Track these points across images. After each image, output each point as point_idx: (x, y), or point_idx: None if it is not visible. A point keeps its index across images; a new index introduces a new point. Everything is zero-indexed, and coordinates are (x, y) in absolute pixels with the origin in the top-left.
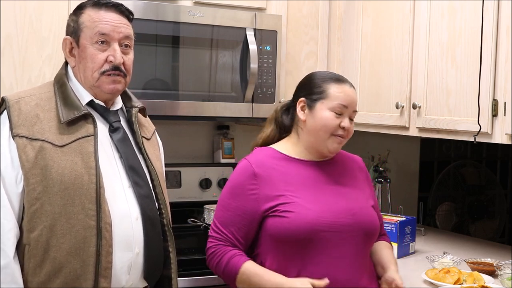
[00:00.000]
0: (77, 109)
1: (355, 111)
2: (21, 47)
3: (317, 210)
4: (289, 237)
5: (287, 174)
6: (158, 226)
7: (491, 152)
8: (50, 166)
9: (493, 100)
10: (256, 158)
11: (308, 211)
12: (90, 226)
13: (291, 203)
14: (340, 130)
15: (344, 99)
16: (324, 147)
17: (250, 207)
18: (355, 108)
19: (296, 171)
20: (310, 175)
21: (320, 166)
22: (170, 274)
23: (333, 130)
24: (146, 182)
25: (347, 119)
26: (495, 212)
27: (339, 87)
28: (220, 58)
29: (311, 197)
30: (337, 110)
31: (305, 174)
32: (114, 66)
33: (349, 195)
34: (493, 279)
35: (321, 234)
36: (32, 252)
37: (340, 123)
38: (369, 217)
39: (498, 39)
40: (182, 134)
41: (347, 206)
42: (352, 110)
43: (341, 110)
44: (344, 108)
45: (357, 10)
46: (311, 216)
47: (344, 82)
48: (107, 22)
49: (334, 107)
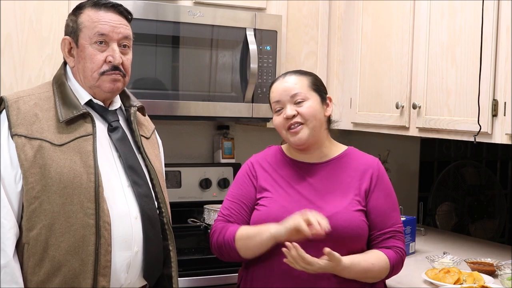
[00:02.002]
0: (75, 108)
1: (294, 94)
2: (21, 47)
3: (286, 209)
4: None
5: (278, 172)
6: (157, 225)
7: (491, 152)
8: (49, 165)
9: (493, 100)
10: (260, 156)
11: (279, 208)
12: (89, 225)
13: (268, 198)
14: (286, 122)
15: (275, 96)
16: (291, 144)
17: (249, 193)
18: (290, 93)
19: (286, 171)
20: (297, 176)
21: (310, 168)
22: (170, 272)
23: (282, 126)
24: (145, 181)
25: (288, 107)
26: (495, 212)
27: (271, 89)
28: (220, 58)
29: (287, 197)
30: (276, 108)
31: (293, 174)
32: (113, 66)
33: (329, 200)
34: (493, 279)
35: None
36: (31, 251)
37: (284, 116)
38: (345, 222)
39: (498, 39)
40: (182, 134)
41: (322, 209)
42: (288, 97)
43: (278, 105)
44: (278, 103)
45: (357, 10)
46: (278, 213)
47: (276, 80)
48: (106, 22)
49: (273, 108)
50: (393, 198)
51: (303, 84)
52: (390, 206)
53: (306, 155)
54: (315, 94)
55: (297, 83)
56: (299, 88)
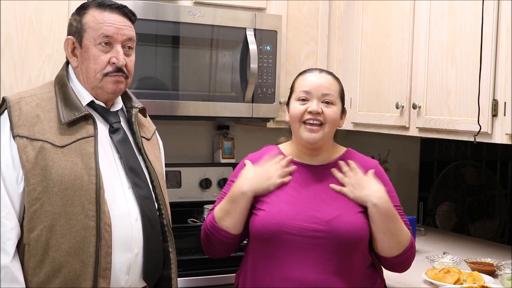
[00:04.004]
0: (77, 110)
1: (326, 94)
2: (21, 47)
3: (288, 212)
4: (256, 235)
5: None
6: (157, 227)
7: (491, 152)
8: (50, 166)
9: (493, 100)
10: (257, 156)
11: (279, 211)
12: (90, 226)
13: (267, 202)
14: (307, 115)
15: (305, 85)
16: (300, 138)
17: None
18: (323, 91)
19: None
20: (298, 178)
21: (312, 170)
22: (170, 274)
23: (300, 116)
24: (146, 183)
25: (315, 102)
26: (495, 212)
27: (302, 77)
28: (220, 58)
29: (289, 199)
30: (300, 97)
31: (293, 176)
32: (117, 67)
33: (331, 202)
34: (493, 279)
35: (287, 236)
36: (31, 252)
37: (307, 108)
38: (346, 225)
39: (498, 39)
40: (182, 134)
41: (323, 212)
42: (320, 94)
43: (305, 95)
44: (307, 94)
45: (357, 10)
46: (278, 217)
47: (309, 71)
48: (111, 24)
49: (297, 96)
50: (395, 199)
51: (336, 89)
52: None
53: (308, 157)
54: (340, 103)
55: (332, 85)
56: (333, 90)
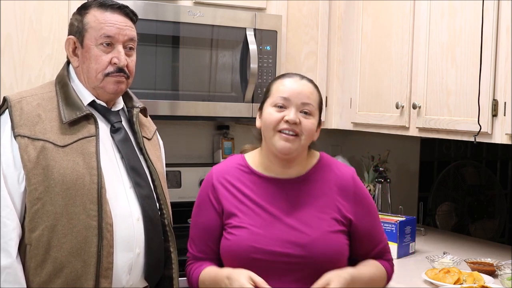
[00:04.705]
0: (79, 109)
1: (306, 103)
2: (21, 47)
3: (260, 236)
4: (228, 260)
5: (244, 191)
6: (159, 226)
7: (491, 152)
8: (52, 166)
9: (493, 100)
10: (221, 168)
11: (251, 236)
12: (91, 226)
13: (237, 225)
14: (283, 124)
15: (284, 91)
16: (273, 146)
17: (212, 221)
18: (303, 100)
19: (254, 189)
20: (269, 195)
21: (283, 185)
22: (171, 274)
23: (275, 124)
24: (147, 182)
25: (293, 111)
26: (495, 212)
27: (281, 82)
28: (220, 58)
29: (260, 221)
30: (277, 103)
31: (263, 193)
32: (118, 68)
33: (307, 223)
34: (493, 279)
35: (259, 263)
36: (33, 252)
37: (284, 116)
38: (325, 249)
39: (498, 39)
40: (182, 134)
41: (298, 235)
42: (299, 102)
43: (283, 102)
44: (285, 100)
45: (357, 10)
46: (249, 242)
47: (289, 76)
48: (112, 24)
49: (274, 101)
50: (374, 210)
51: (316, 99)
52: (374, 223)
53: (279, 169)
54: (317, 114)
55: (313, 94)
56: (312, 100)
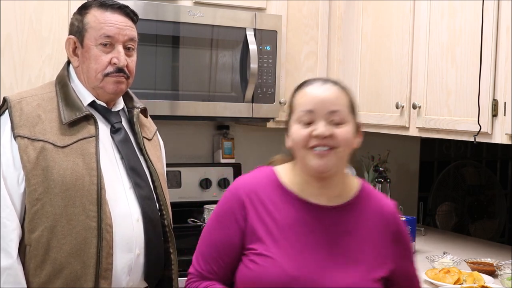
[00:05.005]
0: (78, 110)
1: (334, 111)
2: (21, 47)
3: (288, 271)
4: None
5: (275, 214)
6: (159, 227)
7: (491, 152)
8: (51, 167)
9: (493, 100)
10: (250, 182)
11: (277, 269)
12: (91, 227)
13: (263, 254)
14: (313, 141)
15: (306, 103)
16: (307, 166)
17: (232, 240)
18: (330, 108)
19: (286, 213)
20: (304, 222)
21: (321, 212)
22: (171, 274)
23: (304, 142)
24: (147, 183)
25: (322, 124)
26: (495, 212)
27: (302, 93)
28: (220, 58)
29: (290, 254)
30: (302, 119)
31: (296, 220)
32: (118, 68)
33: (345, 264)
34: (493, 279)
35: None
36: (33, 252)
37: (312, 131)
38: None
39: (498, 39)
40: (182, 134)
41: (330, 278)
42: (326, 112)
43: (308, 116)
44: (310, 114)
45: (357, 10)
46: (274, 277)
47: (310, 83)
48: (112, 24)
49: (298, 117)
50: (411, 252)
51: (345, 102)
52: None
53: (316, 190)
54: (352, 118)
55: (340, 99)
56: (341, 105)
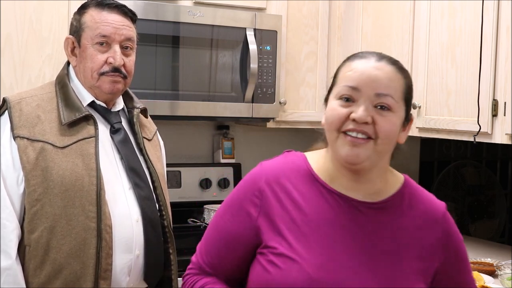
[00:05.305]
0: (78, 110)
1: (382, 94)
2: (21, 47)
3: (314, 275)
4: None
5: (302, 205)
6: (158, 228)
7: (491, 152)
8: (51, 167)
9: (493, 100)
10: (274, 167)
11: (303, 276)
12: (90, 228)
13: (285, 254)
14: (349, 123)
15: (352, 78)
16: (336, 153)
17: (243, 233)
18: (379, 90)
19: (315, 205)
20: (335, 217)
21: (355, 208)
22: (170, 275)
23: (338, 123)
24: (147, 183)
25: (363, 106)
26: (495, 212)
27: (350, 65)
28: (220, 58)
29: (318, 255)
30: (343, 95)
31: (327, 214)
32: (114, 67)
33: (381, 265)
34: (493, 279)
35: None
36: (32, 253)
37: (350, 113)
38: None
39: (498, 39)
40: (182, 134)
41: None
42: (373, 93)
43: (350, 93)
44: (353, 91)
45: (357, 10)
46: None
47: (362, 57)
48: (109, 23)
49: (339, 91)
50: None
51: (399, 87)
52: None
53: (350, 183)
54: (403, 108)
55: (393, 81)
56: (393, 89)
